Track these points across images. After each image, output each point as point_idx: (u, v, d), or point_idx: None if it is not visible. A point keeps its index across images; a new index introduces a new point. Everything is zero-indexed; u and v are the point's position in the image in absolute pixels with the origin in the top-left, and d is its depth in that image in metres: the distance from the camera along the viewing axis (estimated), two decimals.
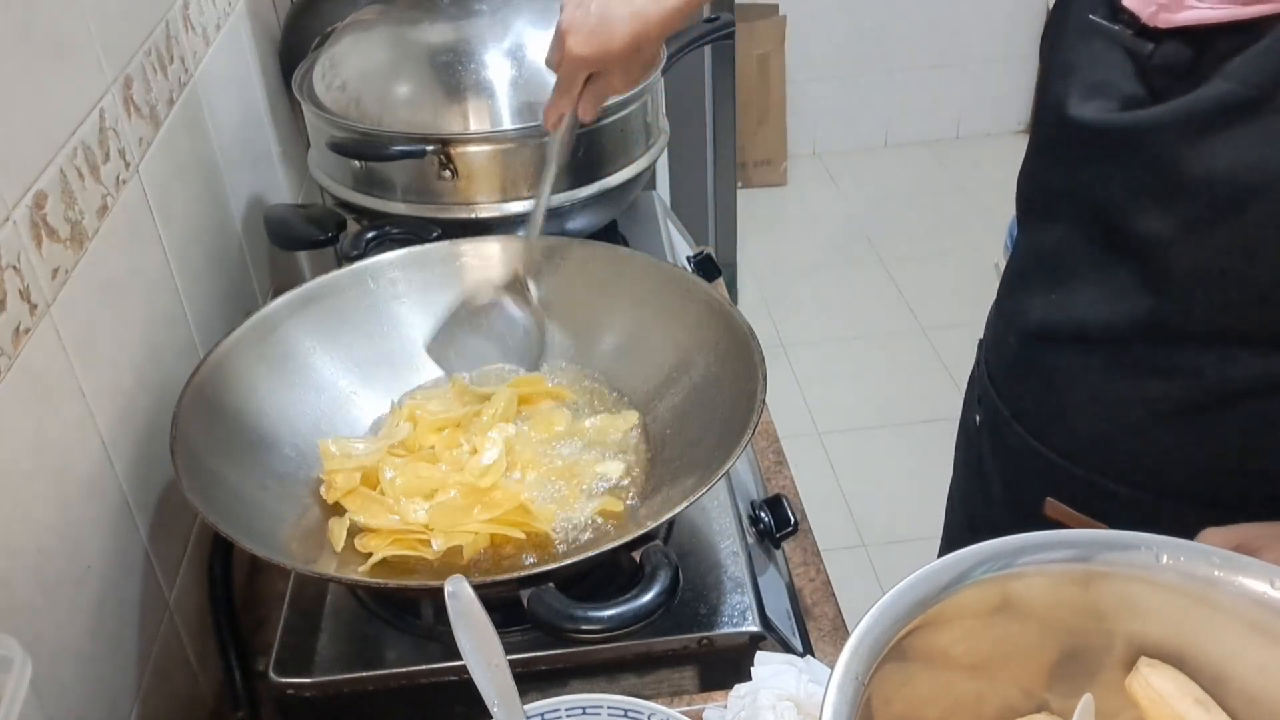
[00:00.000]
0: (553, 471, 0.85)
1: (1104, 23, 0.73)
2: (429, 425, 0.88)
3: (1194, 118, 0.66)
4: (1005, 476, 0.93)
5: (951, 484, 1.11)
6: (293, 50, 1.33)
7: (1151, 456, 0.79)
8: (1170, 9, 0.68)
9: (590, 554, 0.72)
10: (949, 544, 1.09)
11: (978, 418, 0.98)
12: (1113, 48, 0.73)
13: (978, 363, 0.99)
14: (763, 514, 0.93)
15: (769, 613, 0.82)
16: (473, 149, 1.07)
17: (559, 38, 0.88)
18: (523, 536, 0.79)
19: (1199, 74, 0.66)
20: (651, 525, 0.73)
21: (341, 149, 1.10)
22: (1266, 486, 0.75)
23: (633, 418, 0.90)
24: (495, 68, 1.09)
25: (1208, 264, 0.70)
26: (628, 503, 0.84)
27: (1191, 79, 0.67)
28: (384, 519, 0.80)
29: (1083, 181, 0.76)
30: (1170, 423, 0.77)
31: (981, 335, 0.99)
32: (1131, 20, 0.71)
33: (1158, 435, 0.78)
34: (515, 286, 0.98)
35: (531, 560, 0.79)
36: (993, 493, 0.95)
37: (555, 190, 1.09)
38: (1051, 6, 0.81)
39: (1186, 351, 0.74)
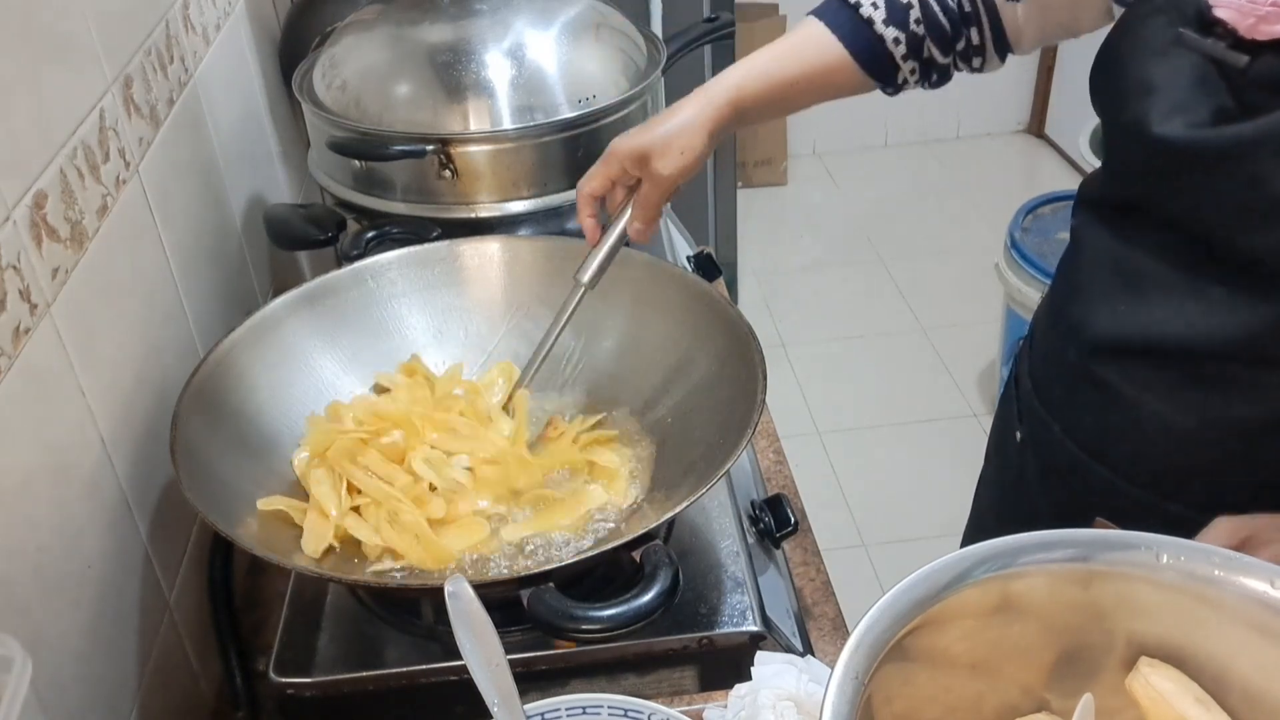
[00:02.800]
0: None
1: (1196, 36, 0.70)
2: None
3: None
4: (1052, 494, 0.90)
5: (980, 501, 1.08)
6: (293, 50, 1.33)
7: (1220, 476, 0.77)
8: (1270, 20, 0.66)
9: (590, 554, 0.72)
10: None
11: (1019, 434, 0.95)
12: (1200, 63, 0.70)
13: (1016, 376, 0.96)
14: (763, 514, 0.93)
15: (769, 612, 0.82)
16: (473, 149, 1.07)
17: (633, 159, 0.87)
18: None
19: None
20: (651, 525, 0.73)
21: (341, 149, 1.10)
22: None
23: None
24: (495, 67, 1.09)
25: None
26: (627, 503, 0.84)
27: None
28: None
29: (1171, 199, 0.74)
30: (1249, 443, 0.75)
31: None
32: (1226, 32, 0.68)
33: (1232, 455, 0.76)
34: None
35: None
36: (1038, 510, 0.92)
37: (556, 190, 1.10)
38: (1111, 32, 0.79)
39: (1268, 375, 0.72)
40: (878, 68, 0.92)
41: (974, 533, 1.10)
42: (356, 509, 0.81)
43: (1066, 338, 0.85)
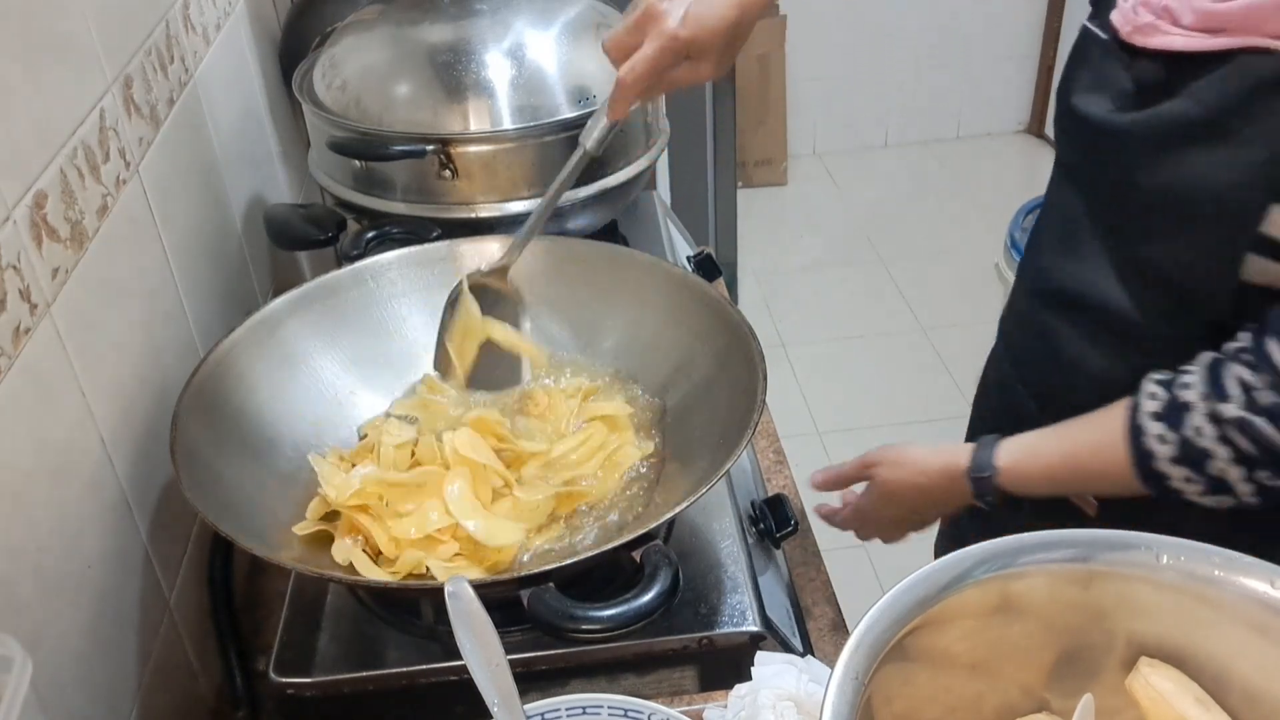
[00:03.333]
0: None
1: (1095, 29, 0.78)
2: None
3: (1156, 131, 0.71)
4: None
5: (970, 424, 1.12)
6: (293, 50, 1.33)
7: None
8: (1144, 32, 0.72)
9: (590, 554, 0.72)
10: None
11: (992, 378, 1.00)
12: (1108, 53, 0.77)
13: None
14: (763, 514, 0.93)
15: (769, 613, 0.82)
16: (473, 149, 1.07)
17: (647, 17, 0.80)
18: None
19: (1167, 91, 0.71)
20: (651, 525, 0.73)
21: (341, 149, 1.10)
22: None
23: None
24: (495, 67, 1.09)
25: (1159, 268, 0.75)
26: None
27: (1162, 95, 0.71)
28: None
29: (1084, 162, 0.82)
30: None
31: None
32: (1115, 32, 0.76)
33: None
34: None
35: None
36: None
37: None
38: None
39: (1153, 341, 0.77)
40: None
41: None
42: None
43: (1021, 286, 0.92)
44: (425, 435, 0.87)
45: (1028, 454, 0.81)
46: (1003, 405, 0.95)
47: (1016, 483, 0.81)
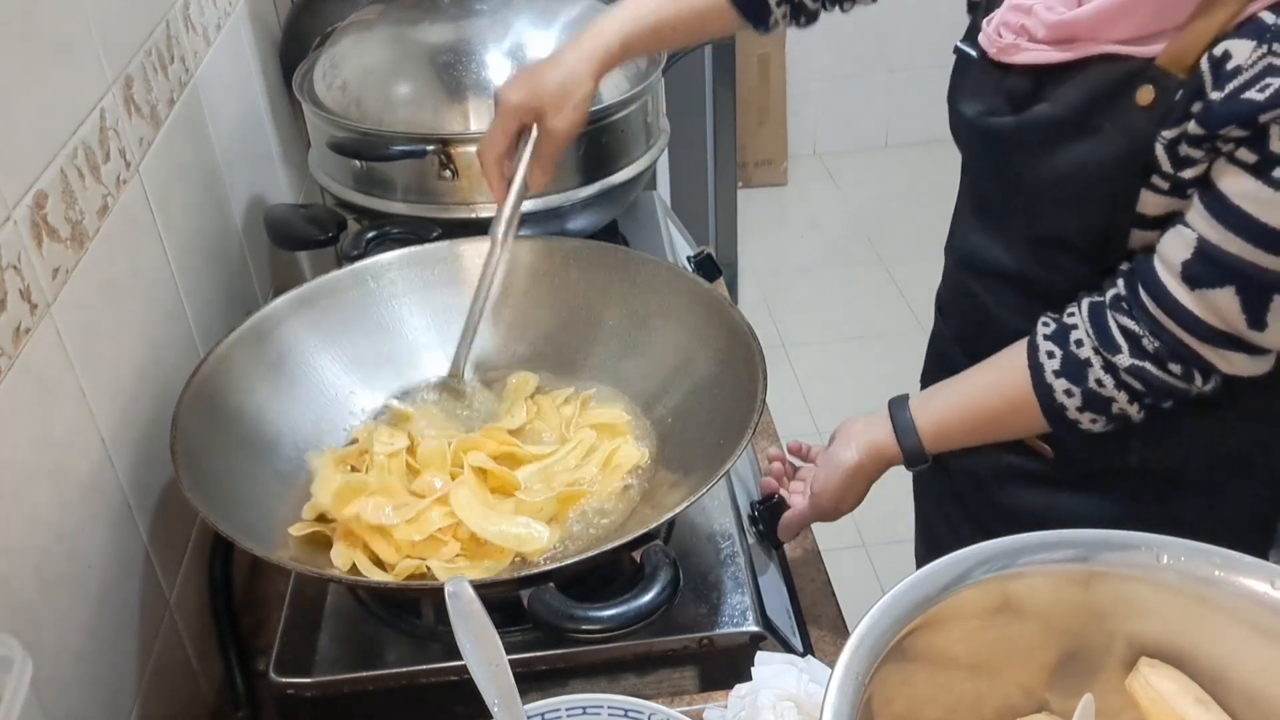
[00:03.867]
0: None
1: (967, 49, 0.87)
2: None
3: (1036, 131, 0.79)
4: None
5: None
6: (293, 50, 1.33)
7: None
8: (1008, 52, 0.80)
9: (590, 554, 0.72)
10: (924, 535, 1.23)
11: (934, 341, 1.10)
12: (981, 67, 0.85)
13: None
14: (763, 514, 0.93)
15: (769, 613, 0.82)
16: (473, 149, 1.07)
17: (497, 103, 0.94)
18: None
19: (1038, 97, 0.79)
20: (651, 525, 0.73)
21: (342, 149, 1.10)
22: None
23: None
24: (495, 68, 1.09)
25: (1055, 241, 0.83)
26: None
27: (1030, 100, 0.80)
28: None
29: (972, 165, 0.95)
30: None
31: None
32: (983, 53, 0.84)
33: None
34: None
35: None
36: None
37: (556, 190, 1.10)
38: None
39: (1058, 297, 0.84)
40: (751, 8, 1.01)
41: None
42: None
43: (950, 259, 1.03)
44: (429, 439, 0.87)
45: (943, 418, 0.91)
46: (945, 374, 1.00)
47: (939, 445, 0.91)
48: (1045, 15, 0.78)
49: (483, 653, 0.63)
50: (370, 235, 1.05)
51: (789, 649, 0.82)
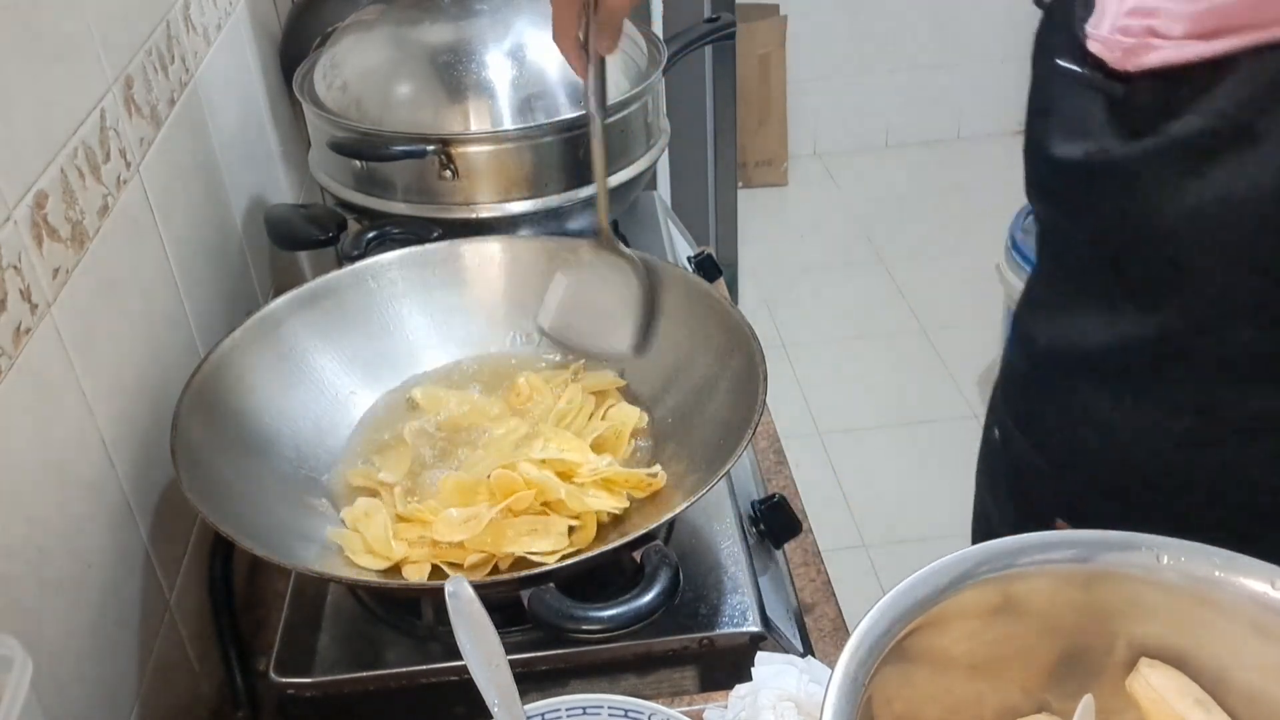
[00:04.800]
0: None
1: (1072, 67, 0.72)
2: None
3: (1173, 154, 0.66)
4: (1017, 495, 0.91)
5: (974, 499, 1.09)
6: (293, 50, 1.33)
7: (1167, 487, 0.76)
8: (1136, 53, 0.67)
9: (590, 554, 0.72)
10: None
11: (997, 432, 0.95)
12: (1086, 88, 0.71)
13: (999, 383, 0.97)
14: (763, 515, 0.93)
15: (769, 613, 0.82)
16: (473, 149, 1.07)
17: None
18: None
19: (1170, 113, 0.66)
20: (652, 525, 0.73)
21: (342, 149, 1.10)
22: None
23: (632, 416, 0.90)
24: (496, 67, 1.09)
25: (1210, 295, 0.68)
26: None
27: (1163, 117, 0.66)
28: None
29: (1075, 217, 0.76)
30: (1184, 455, 0.75)
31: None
32: (1098, 64, 0.70)
33: (1173, 466, 0.76)
34: (604, 241, 0.93)
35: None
36: (1006, 511, 0.93)
37: (556, 190, 1.10)
38: (1035, 35, 0.79)
39: (1195, 383, 0.72)
40: None
41: (973, 526, 1.10)
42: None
43: (1020, 345, 0.87)
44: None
45: None
46: (1006, 462, 0.91)
47: None
48: (1184, 6, 0.63)
49: (483, 653, 0.63)
50: (370, 235, 1.05)
51: (789, 649, 0.82)
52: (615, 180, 1.14)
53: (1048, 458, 0.84)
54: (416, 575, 0.77)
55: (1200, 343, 0.70)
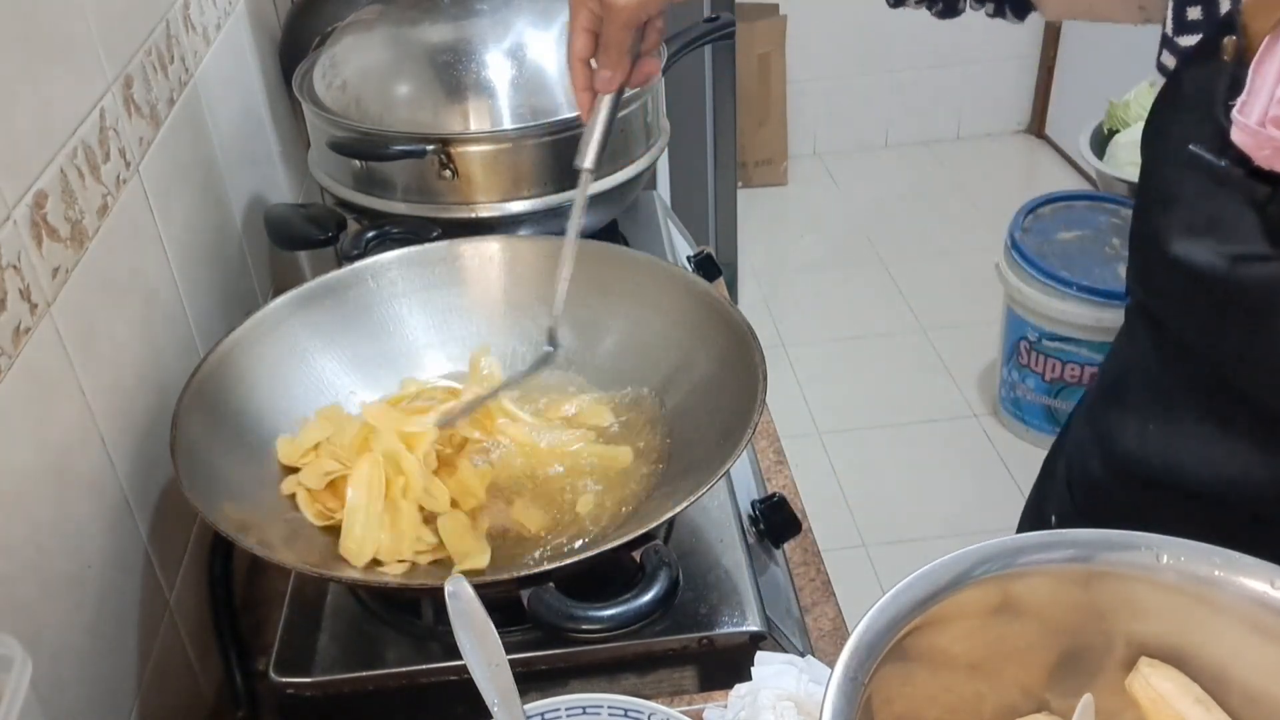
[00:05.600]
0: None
1: (1209, 157, 0.59)
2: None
3: None
4: None
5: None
6: (293, 50, 1.33)
7: None
8: None
9: (590, 554, 0.72)
10: None
11: (1053, 519, 0.87)
12: (1223, 184, 0.60)
13: (1053, 457, 0.89)
14: (763, 515, 0.93)
15: (769, 613, 0.82)
16: (473, 149, 1.07)
17: (595, 4, 0.77)
18: None
19: None
20: (651, 525, 0.73)
21: (341, 149, 1.10)
22: None
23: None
24: (495, 67, 1.09)
25: None
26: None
27: None
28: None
29: (1189, 327, 0.66)
30: None
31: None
32: (1241, 158, 0.58)
33: None
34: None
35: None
36: None
37: (556, 190, 1.10)
38: (1150, 110, 0.67)
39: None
40: None
41: None
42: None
43: (1095, 444, 0.77)
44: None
45: None
46: None
47: None
48: None
49: (483, 653, 0.63)
50: (370, 235, 1.05)
51: (789, 649, 0.82)
52: (615, 180, 1.14)
53: None
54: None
55: None
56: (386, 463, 0.81)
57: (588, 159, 0.83)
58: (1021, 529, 0.99)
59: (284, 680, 0.78)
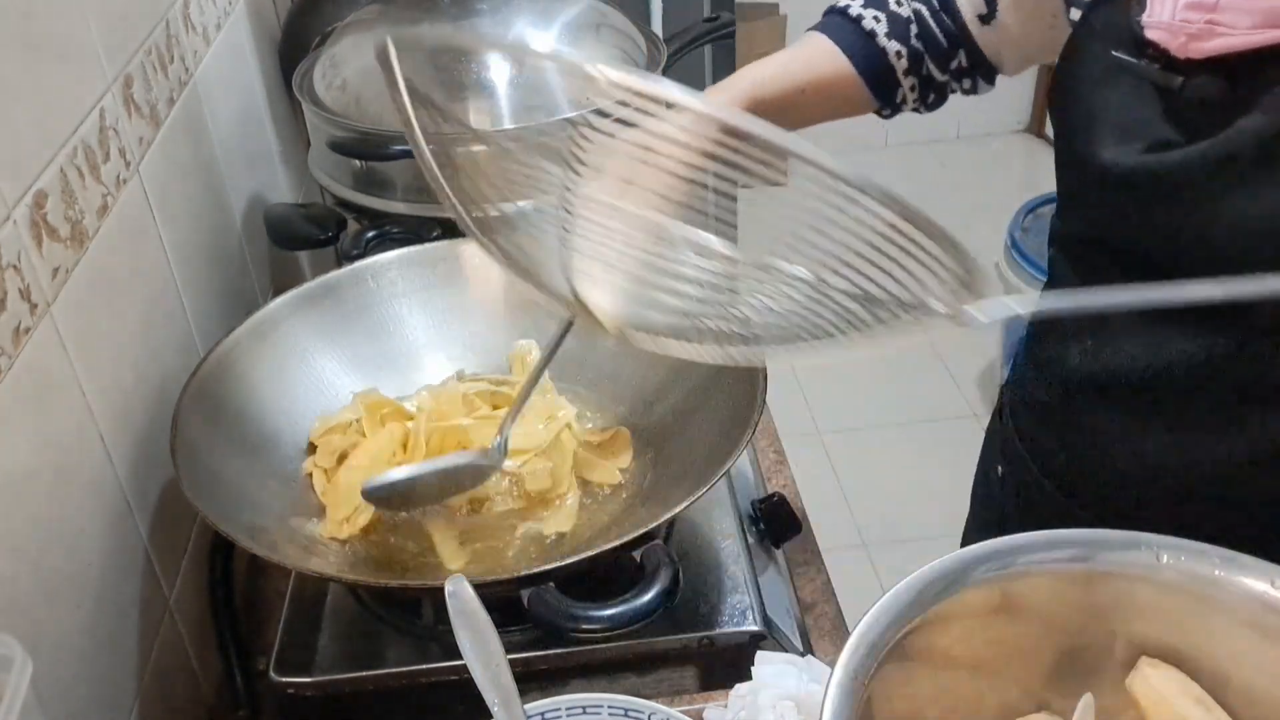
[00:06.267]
0: None
1: (1129, 58, 0.66)
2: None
3: (1231, 157, 0.61)
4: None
5: (967, 525, 1.06)
6: (293, 50, 1.33)
7: (1202, 518, 0.71)
8: (1200, 38, 0.61)
9: (590, 554, 0.72)
10: None
11: (999, 469, 0.93)
12: (1140, 85, 0.66)
13: (999, 412, 0.94)
14: (763, 515, 0.93)
15: (769, 612, 0.82)
16: (473, 149, 1.07)
17: None
18: None
19: (1235, 109, 0.61)
20: (651, 525, 0.73)
21: (341, 148, 1.10)
22: None
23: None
24: (495, 68, 1.09)
25: (1267, 315, 0.64)
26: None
27: (1227, 115, 0.61)
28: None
29: (1121, 230, 0.71)
30: (1225, 482, 0.72)
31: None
32: (1158, 53, 0.64)
33: (1210, 495, 0.73)
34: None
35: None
36: None
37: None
38: (1059, 58, 0.75)
39: (1241, 407, 0.69)
40: (880, 82, 0.86)
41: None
42: None
43: (1040, 376, 0.83)
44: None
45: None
46: (1016, 499, 0.89)
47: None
48: (1248, 3, 0.58)
49: (483, 653, 0.63)
50: (370, 235, 1.05)
51: (789, 649, 0.82)
52: None
53: (1066, 490, 0.82)
54: None
55: (1251, 368, 0.67)
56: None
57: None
58: (974, 495, 1.02)
59: (284, 680, 0.78)
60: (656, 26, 2.18)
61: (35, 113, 0.71)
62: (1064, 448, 0.82)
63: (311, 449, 0.89)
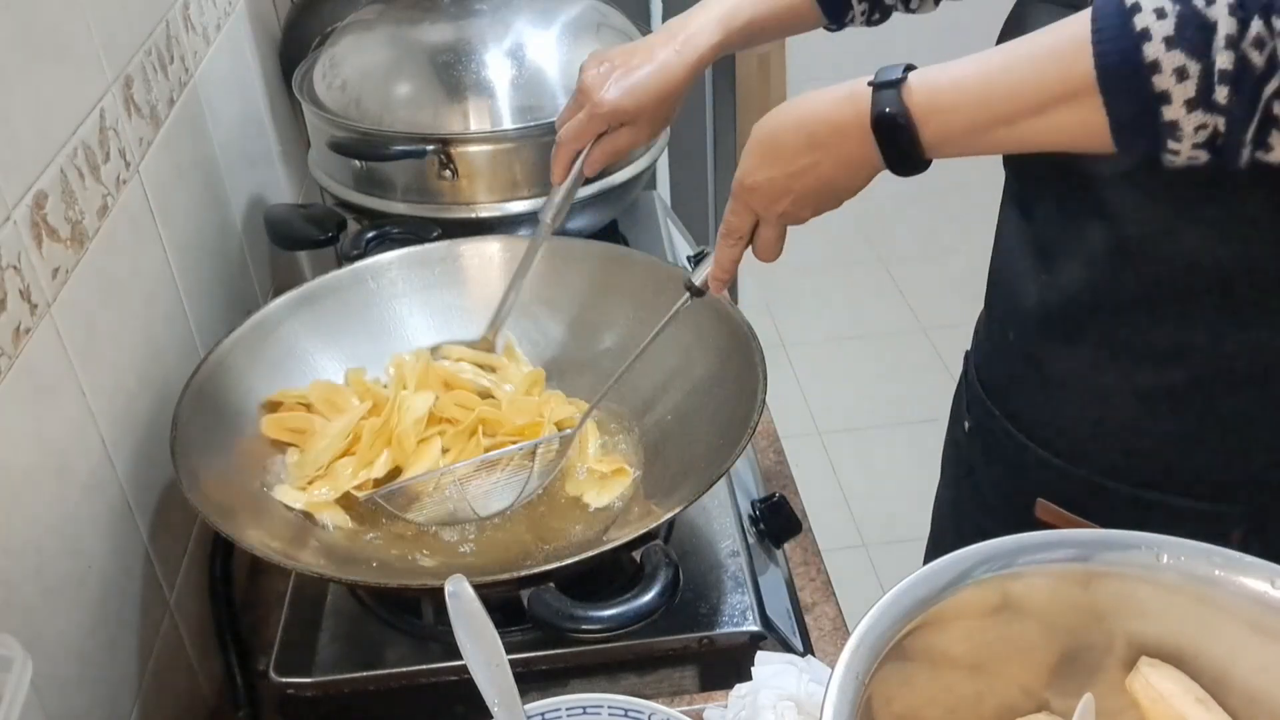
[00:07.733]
0: None
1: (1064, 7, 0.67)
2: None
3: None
4: (997, 481, 0.91)
5: (938, 493, 1.10)
6: (293, 50, 1.33)
7: (1144, 450, 0.78)
8: None
9: (590, 554, 0.72)
10: (935, 552, 1.06)
11: (966, 424, 0.97)
12: (1064, 13, 0.63)
13: (965, 373, 0.99)
14: (763, 515, 0.93)
15: (769, 612, 0.82)
16: (473, 149, 1.07)
17: (582, 91, 0.91)
18: None
19: None
20: (651, 525, 0.73)
21: (342, 149, 1.10)
22: (1267, 475, 0.75)
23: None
24: (495, 67, 1.09)
25: (1181, 229, 0.68)
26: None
27: None
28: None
29: (1059, 185, 0.75)
30: (1178, 411, 0.75)
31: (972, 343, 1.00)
32: None
33: (1148, 426, 0.77)
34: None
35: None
36: (985, 499, 0.94)
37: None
38: (1005, 22, 0.82)
39: (1170, 330, 0.72)
40: (833, 3, 0.96)
41: (933, 549, 1.10)
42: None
43: (1004, 321, 0.87)
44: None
45: (947, 67, 0.67)
46: (981, 449, 0.92)
47: (930, 99, 0.66)
48: None
49: (483, 653, 0.63)
50: (370, 235, 1.05)
51: (789, 649, 0.82)
52: (615, 180, 1.14)
53: (1028, 434, 0.85)
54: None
55: (1173, 288, 0.71)
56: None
57: (551, 214, 0.96)
58: (944, 458, 1.08)
59: (284, 680, 0.78)
60: (656, 26, 2.18)
61: (35, 113, 0.71)
62: (1022, 389, 0.85)
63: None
